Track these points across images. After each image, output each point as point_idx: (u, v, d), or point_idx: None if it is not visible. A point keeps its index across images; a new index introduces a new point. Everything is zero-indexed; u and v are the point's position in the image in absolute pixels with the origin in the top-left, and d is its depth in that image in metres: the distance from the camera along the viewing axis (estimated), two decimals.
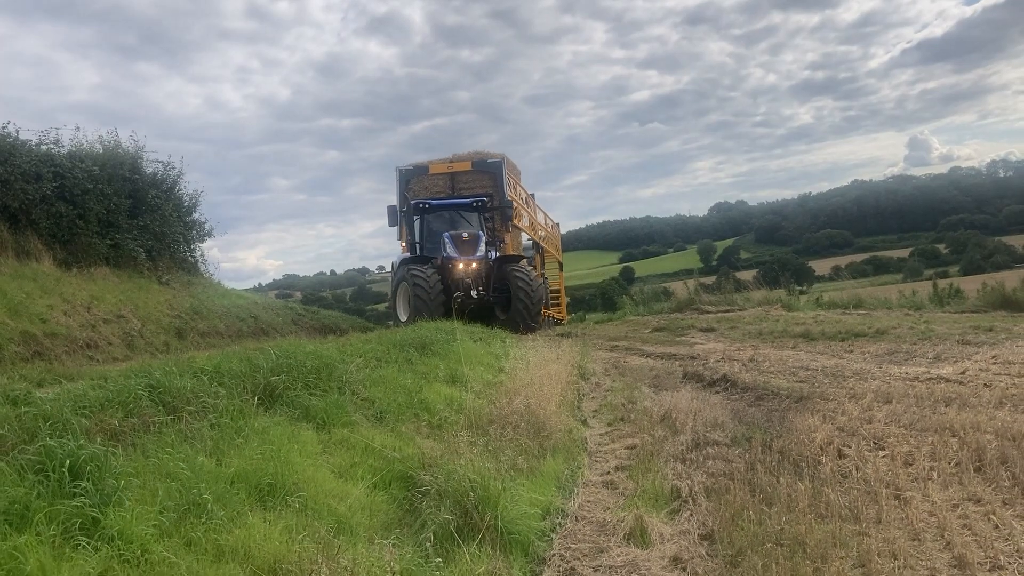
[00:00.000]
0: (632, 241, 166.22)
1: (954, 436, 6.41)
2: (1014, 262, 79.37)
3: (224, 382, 5.25)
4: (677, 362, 11.22)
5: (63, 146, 12.26)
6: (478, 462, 4.72)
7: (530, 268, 17.84)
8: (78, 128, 12.76)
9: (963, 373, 9.26)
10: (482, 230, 17.90)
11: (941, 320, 13.38)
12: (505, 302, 16.67)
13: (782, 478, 5.38)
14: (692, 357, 11.53)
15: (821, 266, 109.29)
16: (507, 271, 16.69)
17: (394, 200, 19.62)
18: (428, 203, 17.91)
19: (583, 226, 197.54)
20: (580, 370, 9.91)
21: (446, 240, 16.53)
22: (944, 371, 9.48)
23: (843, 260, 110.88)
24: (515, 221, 19.59)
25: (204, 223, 15.01)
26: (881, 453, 6.14)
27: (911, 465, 5.78)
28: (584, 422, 7.56)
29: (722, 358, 11.30)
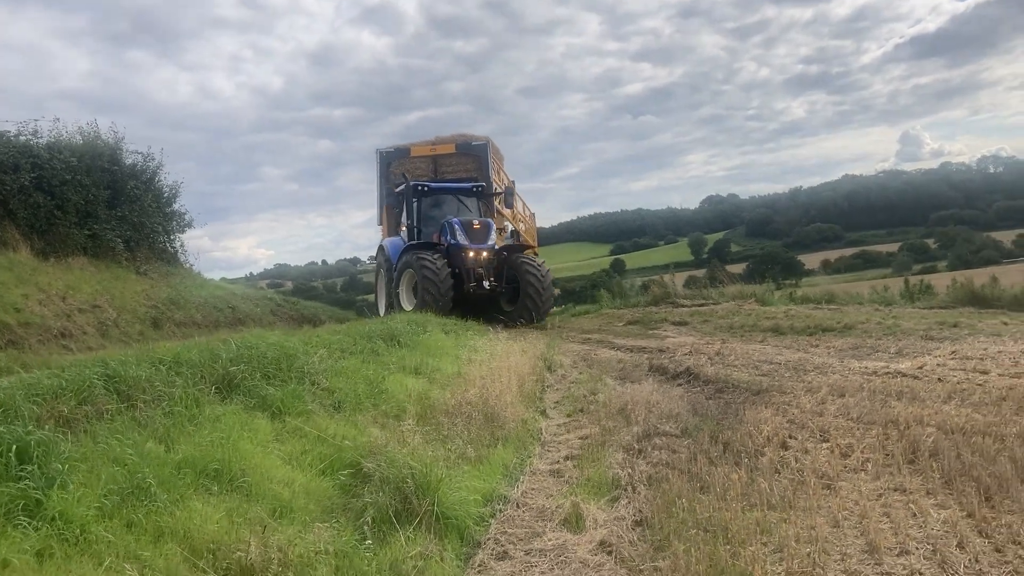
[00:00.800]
0: (623, 233, 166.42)
1: (897, 429, 6.62)
2: (1002, 258, 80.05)
3: (182, 371, 5.42)
4: (646, 355, 11.42)
5: (42, 137, 12.40)
6: (421, 450, 4.91)
7: (540, 260, 17.52)
8: (57, 119, 12.92)
9: (920, 368, 9.49)
10: (480, 216, 17.51)
11: (909, 316, 13.62)
12: (512, 293, 16.26)
13: (721, 468, 5.59)
14: (661, 350, 11.74)
15: (811, 260, 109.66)
16: (516, 261, 16.30)
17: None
18: (427, 186, 17.33)
19: (575, 218, 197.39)
20: (547, 362, 10.11)
21: (456, 226, 15.98)
22: (903, 366, 9.71)
23: (833, 254, 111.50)
24: (498, 206, 19.34)
25: (184, 214, 15.19)
26: (824, 445, 6.35)
27: (848, 456, 5.99)
28: (543, 413, 7.76)
29: (690, 351, 11.51)
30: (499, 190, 19.37)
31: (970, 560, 3.97)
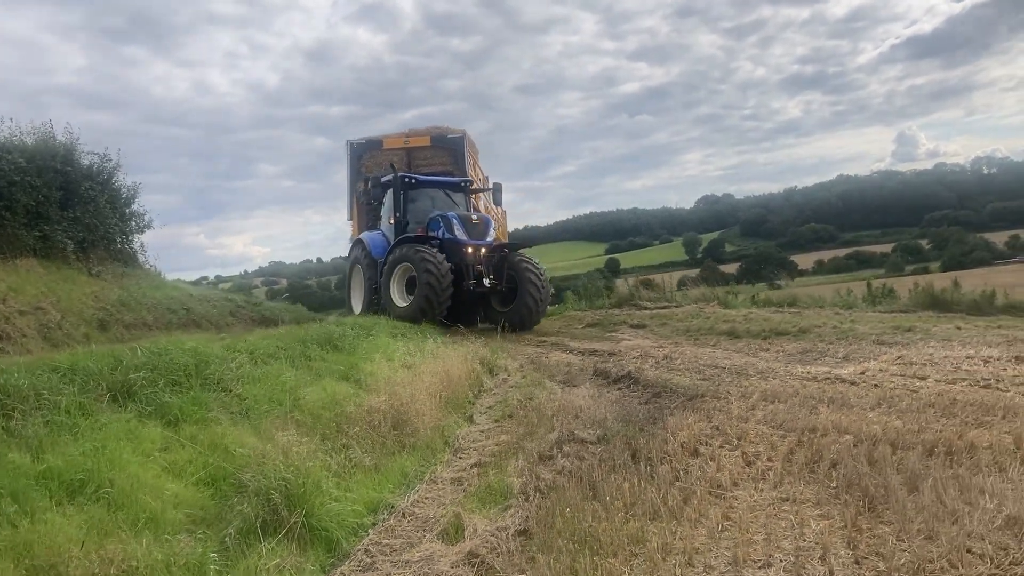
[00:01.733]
0: (619, 233, 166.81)
1: (811, 436, 6.61)
2: (994, 259, 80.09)
3: (76, 379, 5.39)
4: (596, 358, 11.41)
5: None
6: (306, 459, 4.88)
7: (537, 259, 16.64)
8: (11, 119, 12.90)
9: (862, 373, 9.49)
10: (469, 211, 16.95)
11: (867, 320, 13.62)
12: (507, 294, 15.51)
13: (618, 476, 5.58)
14: (612, 354, 11.73)
15: (805, 260, 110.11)
16: (514, 261, 15.53)
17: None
18: (416, 178, 16.65)
19: (570, 217, 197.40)
20: (489, 366, 10.08)
21: (453, 221, 15.26)
22: (845, 371, 9.72)
23: (827, 255, 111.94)
24: (475, 202, 18.74)
25: (144, 214, 15.11)
26: (734, 453, 6.34)
27: (752, 465, 5.98)
28: (470, 419, 7.74)
29: (640, 355, 11.51)
30: (486, 187, 19.13)
31: (825, 573, 3.95)
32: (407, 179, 16.28)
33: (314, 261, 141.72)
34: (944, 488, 4.94)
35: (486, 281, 14.96)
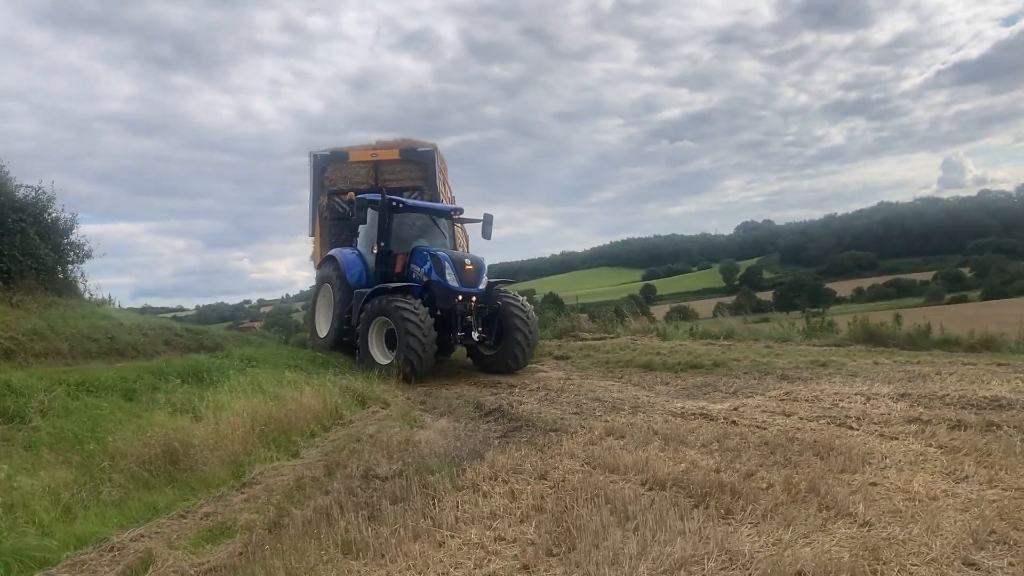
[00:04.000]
0: (656, 259, 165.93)
1: (612, 475, 6.54)
2: None
3: None
4: (491, 390, 11.42)
5: None
6: (15, 497, 4.99)
7: (523, 297, 15.41)
8: None
9: (736, 409, 9.36)
10: (449, 237, 15.98)
11: (793, 353, 13.36)
12: (493, 336, 14.19)
13: (351, 514, 5.58)
14: (513, 386, 11.75)
15: (844, 287, 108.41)
16: (501, 302, 14.21)
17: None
18: (403, 203, 15.16)
19: (608, 243, 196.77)
20: (363, 398, 10.12)
21: (445, 264, 13.82)
22: (723, 406, 9.59)
23: (866, 282, 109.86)
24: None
25: (83, 245, 15.50)
26: (504, 488, 6.27)
27: (515, 500, 5.93)
28: (296, 454, 7.78)
29: (538, 387, 11.49)
30: (457, 208, 16.90)
31: None
32: (394, 203, 14.88)
33: None
34: (644, 529, 4.87)
35: (475, 335, 13.76)
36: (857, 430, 7.96)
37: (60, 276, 14.43)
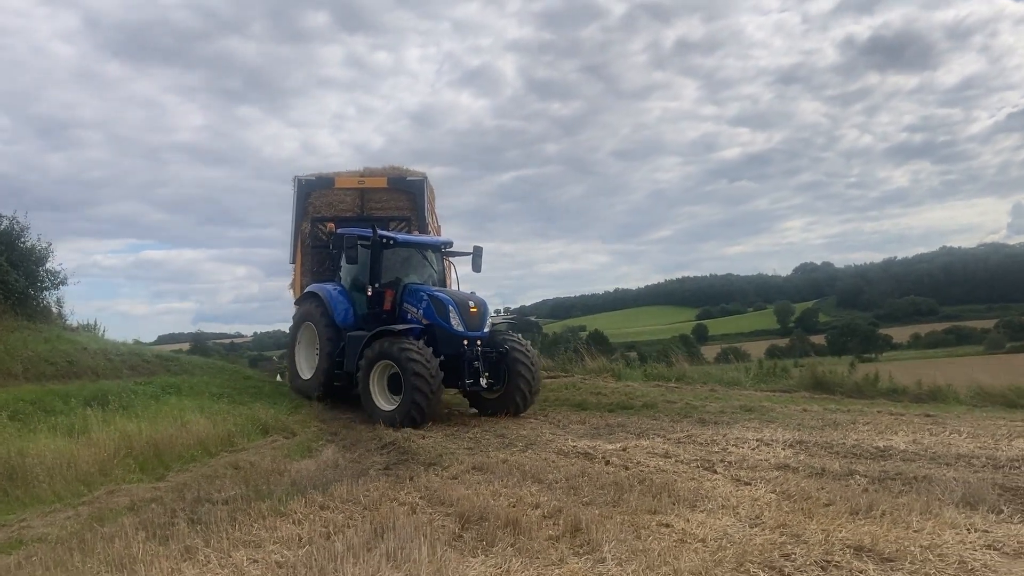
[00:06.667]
0: (711, 298, 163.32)
1: (439, 507, 6.72)
2: None
3: None
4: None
5: None
6: None
7: (524, 338, 14.57)
8: None
9: (624, 449, 9.47)
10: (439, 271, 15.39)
11: (730, 397, 13.31)
12: (502, 381, 13.39)
13: (140, 532, 5.87)
14: (433, 422, 11.95)
15: (900, 333, 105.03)
16: (504, 345, 13.42)
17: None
18: (394, 239, 14.52)
19: (663, 280, 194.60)
20: (266, 428, 10.43)
21: (449, 307, 13.11)
22: (615, 446, 9.67)
23: (924, 328, 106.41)
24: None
25: (58, 272, 16.51)
26: (322, 515, 6.50)
27: (330, 537, 6.06)
28: (161, 477, 8.11)
29: (453, 423, 11.68)
30: (448, 242, 16.33)
31: None
32: (385, 239, 14.17)
33: None
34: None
35: (483, 381, 12.92)
36: (718, 474, 7.96)
37: (31, 302, 15.22)
